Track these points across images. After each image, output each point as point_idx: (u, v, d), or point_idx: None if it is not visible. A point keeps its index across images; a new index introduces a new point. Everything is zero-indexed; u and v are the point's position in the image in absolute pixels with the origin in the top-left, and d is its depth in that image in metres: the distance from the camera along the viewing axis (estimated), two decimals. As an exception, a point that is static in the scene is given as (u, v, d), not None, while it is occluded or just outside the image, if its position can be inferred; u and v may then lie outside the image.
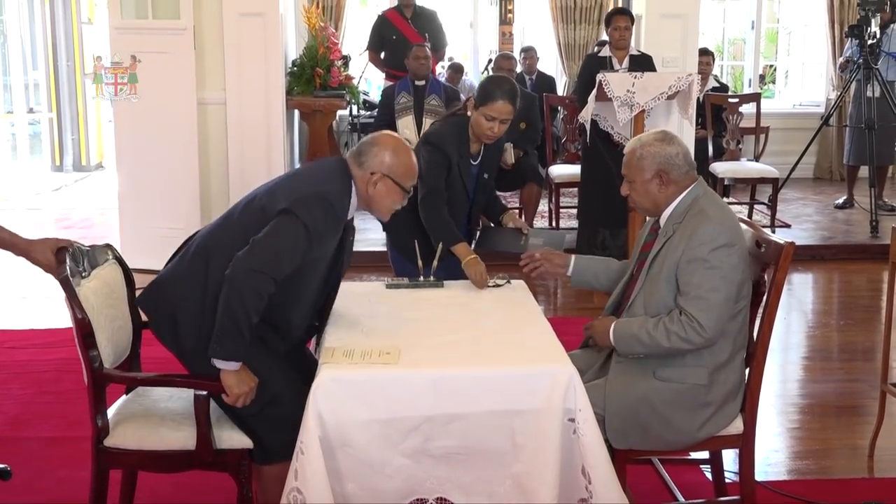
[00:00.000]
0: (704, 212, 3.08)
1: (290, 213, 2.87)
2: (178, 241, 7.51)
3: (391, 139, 3.13)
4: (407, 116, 7.55)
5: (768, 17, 12.88)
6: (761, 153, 8.69)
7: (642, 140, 3.21)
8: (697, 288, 2.99)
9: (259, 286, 2.80)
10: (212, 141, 7.07)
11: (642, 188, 3.18)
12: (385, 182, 3.04)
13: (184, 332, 2.98)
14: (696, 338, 2.98)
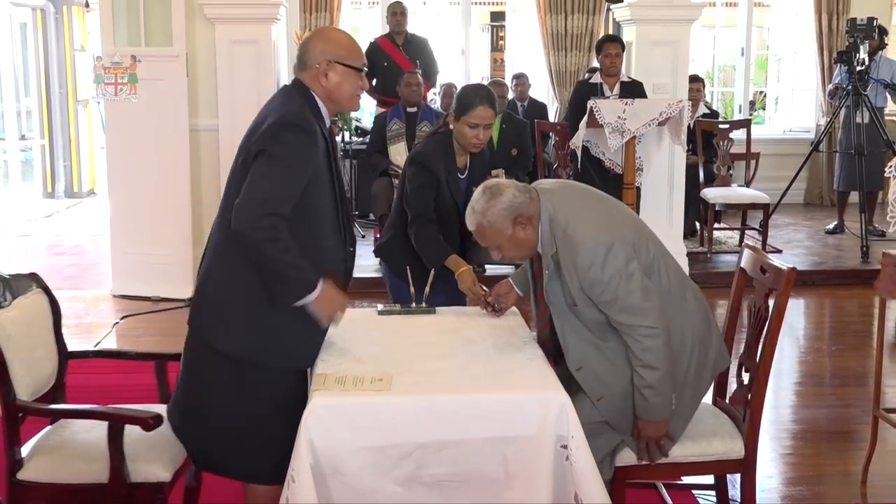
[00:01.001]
0: (568, 236, 3.04)
1: (263, 152, 2.85)
2: (169, 267, 7.57)
3: (323, 28, 3.15)
4: (399, 143, 7.58)
5: (758, 43, 12.97)
6: (752, 179, 8.72)
7: (477, 209, 3.13)
8: (616, 303, 2.97)
9: (270, 232, 2.78)
10: (204, 167, 7.07)
11: (511, 243, 3.13)
12: (333, 68, 3.00)
13: (234, 321, 2.93)
14: (653, 341, 2.95)
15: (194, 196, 7.02)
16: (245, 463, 2.98)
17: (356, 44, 3.09)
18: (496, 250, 3.19)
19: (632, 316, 2.96)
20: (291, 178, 2.85)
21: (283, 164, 2.83)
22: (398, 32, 8.68)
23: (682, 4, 7.30)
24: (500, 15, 16.56)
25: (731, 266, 7.90)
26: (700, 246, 8.38)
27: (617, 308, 2.97)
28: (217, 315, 2.96)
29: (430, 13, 13.80)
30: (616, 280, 2.95)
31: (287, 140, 2.85)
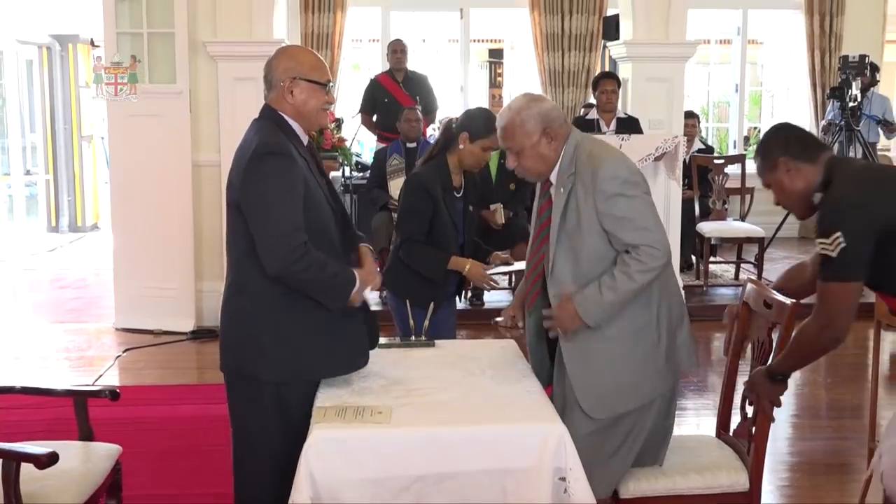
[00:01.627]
0: (594, 154, 3.09)
1: (251, 191, 2.88)
2: (171, 300, 7.55)
3: (285, 48, 3.14)
4: (399, 178, 7.59)
5: (752, 80, 13.04)
6: (747, 213, 8.74)
7: (513, 107, 3.18)
8: (629, 220, 2.98)
9: (300, 263, 2.83)
10: (206, 202, 7.08)
11: (532, 152, 3.15)
12: (297, 85, 3.01)
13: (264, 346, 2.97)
14: (654, 260, 2.97)
15: (196, 230, 7.03)
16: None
17: (319, 60, 3.11)
18: (514, 157, 3.19)
19: (641, 233, 2.97)
20: (289, 203, 2.87)
21: (275, 195, 2.86)
22: (398, 69, 8.73)
23: (676, 42, 7.35)
24: (499, 52, 16.66)
25: (728, 299, 7.90)
26: (696, 279, 8.38)
27: (629, 225, 2.98)
28: (256, 348, 2.98)
29: (430, 50, 13.89)
30: (633, 199, 2.99)
31: (267, 171, 2.87)
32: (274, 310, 2.95)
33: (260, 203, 2.86)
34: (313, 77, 3.03)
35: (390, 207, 7.50)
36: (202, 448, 4.72)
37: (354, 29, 11.22)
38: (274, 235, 2.83)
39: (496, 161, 7.86)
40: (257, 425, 3.00)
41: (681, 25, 7.37)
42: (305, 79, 3.01)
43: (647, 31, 7.34)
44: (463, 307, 7.37)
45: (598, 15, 9.93)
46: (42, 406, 4.82)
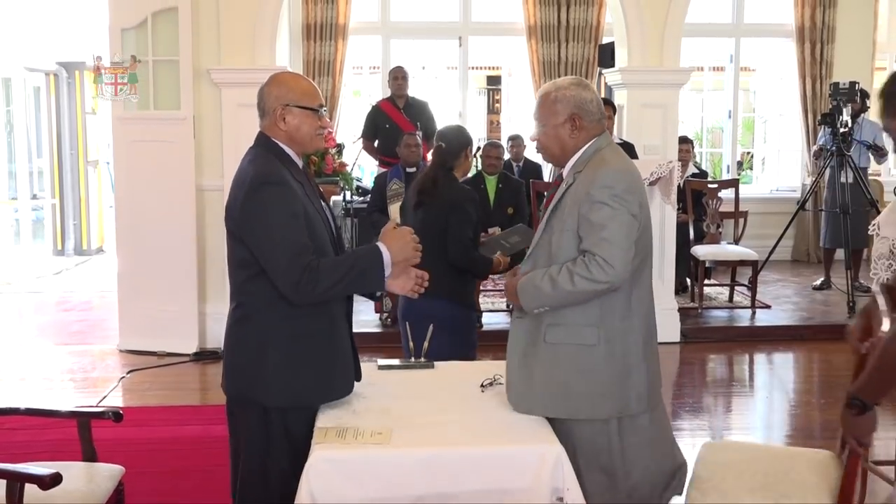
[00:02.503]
0: (605, 160, 3.04)
1: (253, 222, 2.88)
2: (175, 323, 7.52)
3: (276, 75, 3.13)
4: (398, 202, 7.59)
5: (745, 106, 13.09)
6: (741, 236, 8.75)
7: (558, 83, 3.15)
8: (599, 228, 2.91)
9: (315, 283, 2.84)
10: (209, 226, 7.09)
11: (553, 132, 3.11)
12: (289, 112, 3.01)
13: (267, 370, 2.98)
14: (602, 274, 2.88)
15: (199, 253, 7.04)
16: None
17: (310, 85, 3.10)
18: (536, 128, 3.15)
19: (603, 249, 2.89)
20: (292, 228, 2.87)
21: (277, 223, 2.86)
22: (399, 96, 8.76)
23: (671, 69, 7.38)
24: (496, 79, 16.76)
25: (721, 321, 7.92)
26: (691, 302, 8.38)
27: (596, 235, 2.91)
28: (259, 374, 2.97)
29: (429, 77, 13.95)
30: (614, 212, 2.92)
31: (265, 200, 2.87)
32: (276, 337, 2.95)
33: (264, 234, 2.86)
34: (304, 103, 3.03)
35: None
36: (205, 469, 4.71)
37: (355, 56, 11.27)
38: (284, 264, 2.84)
39: (494, 185, 7.89)
40: (259, 448, 2.99)
41: (675, 53, 7.41)
42: (297, 105, 3.02)
43: (642, 58, 7.37)
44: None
45: (594, 43, 9.98)
46: (46, 427, 4.81)
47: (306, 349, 2.97)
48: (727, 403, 6.15)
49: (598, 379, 3.01)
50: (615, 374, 3.02)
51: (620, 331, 3.03)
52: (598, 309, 3.00)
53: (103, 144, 12.29)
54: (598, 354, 3.01)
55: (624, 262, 2.91)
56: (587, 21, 10.00)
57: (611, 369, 3.02)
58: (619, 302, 3.01)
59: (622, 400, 3.04)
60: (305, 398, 3.01)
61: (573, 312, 3.01)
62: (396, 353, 4.23)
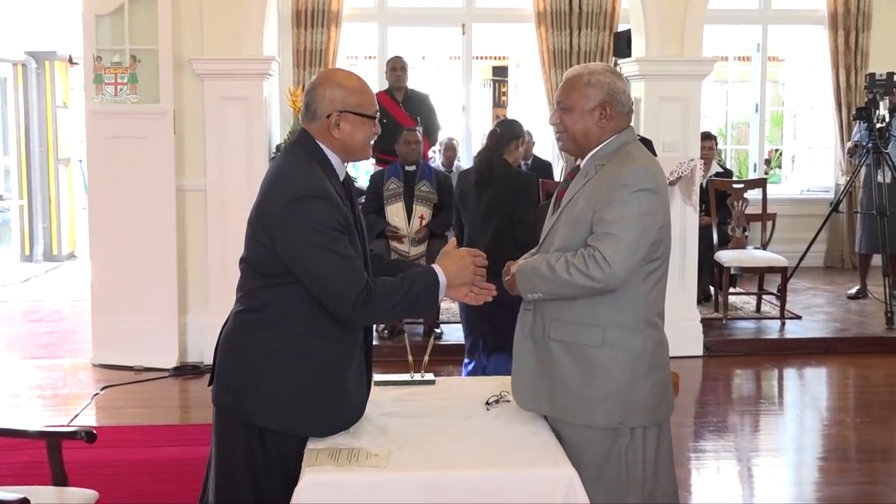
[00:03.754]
0: (631, 155, 3.07)
1: (299, 236, 2.87)
2: (154, 335, 7.52)
3: (330, 73, 3.12)
4: (396, 203, 7.62)
5: (773, 99, 13.09)
6: (768, 241, 8.75)
7: (591, 67, 3.17)
8: (607, 224, 2.95)
9: (372, 305, 2.89)
10: (191, 229, 7.10)
11: (579, 116, 3.12)
12: (345, 119, 3.00)
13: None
14: (598, 272, 2.92)
15: (180, 259, 7.04)
16: None
17: (367, 88, 3.09)
18: (559, 114, 3.16)
19: (606, 246, 2.93)
20: (342, 244, 2.90)
21: (328, 238, 2.87)
22: (398, 88, 8.76)
23: (692, 59, 7.38)
24: (503, 70, 16.75)
25: (748, 333, 7.91)
26: (715, 312, 8.38)
27: (602, 230, 2.95)
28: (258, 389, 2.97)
29: (430, 68, 13.96)
30: (629, 210, 2.95)
31: (313, 214, 2.86)
32: (285, 352, 2.95)
33: (314, 253, 2.86)
34: (362, 109, 3.02)
35: (387, 234, 7.52)
36: (185, 493, 4.70)
37: (349, 45, 11.28)
38: (342, 285, 2.87)
39: (500, 185, 7.89)
40: (244, 467, 2.99)
41: (697, 41, 7.41)
42: (354, 112, 3.01)
43: (661, 47, 7.37)
44: (465, 342, 7.37)
45: (608, 30, 9.99)
46: (13, 448, 4.80)
47: (314, 373, 2.95)
48: (754, 423, 6.14)
49: (599, 383, 3.03)
50: (618, 381, 3.04)
51: (628, 334, 3.05)
52: (605, 308, 3.03)
53: (76, 140, 12.30)
54: (602, 357, 3.04)
55: (625, 263, 2.94)
56: (601, 6, 10.01)
57: (614, 375, 3.03)
58: (630, 303, 3.04)
59: (624, 409, 3.05)
60: (303, 426, 2.98)
61: (577, 309, 3.05)
62: (394, 368, 4.23)
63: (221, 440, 3.08)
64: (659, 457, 3.14)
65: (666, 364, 3.17)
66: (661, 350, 3.14)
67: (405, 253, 7.45)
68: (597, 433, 3.05)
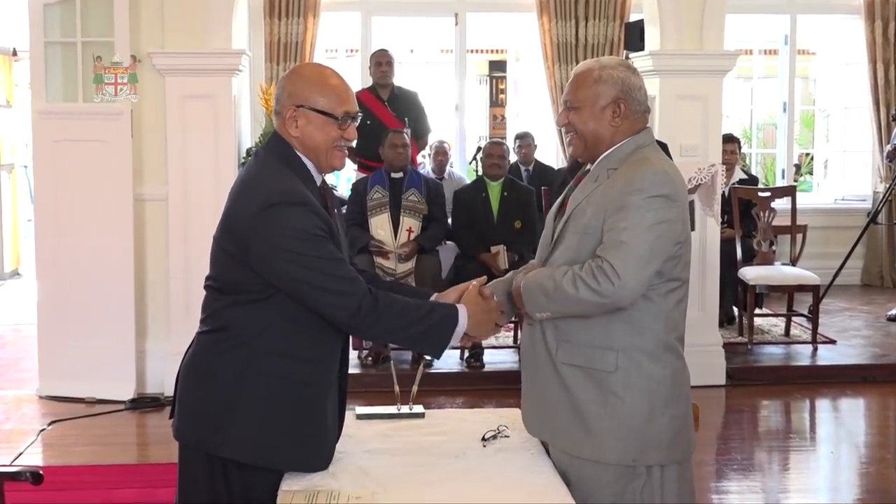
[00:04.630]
0: (648, 159, 3.07)
1: (281, 247, 2.86)
2: (108, 362, 7.47)
3: (296, 67, 3.14)
4: (381, 214, 7.62)
5: (803, 97, 13.15)
6: (799, 256, 8.77)
7: (602, 61, 3.19)
8: (618, 232, 2.95)
9: (371, 316, 2.91)
10: (150, 244, 7.09)
11: (590, 115, 3.13)
12: (303, 115, 2.99)
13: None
14: (607, 285, 2.91)
15: (138, 278, 7.03)
16: None
17: (336, 83, 3.06)
18: (566, 114, 3.17)
19: (616, 256, 2.92)
20: (329, 248, 2.91)
21: (312, 245, 2.88)
22: (383, 85, 8.77)
23: (713, 53, 7.41)
24: (501, 64, 16.82)
25: (776, 360, 7.92)
26: (739, 336, 8.39)
27: (613, 239, 2.95)
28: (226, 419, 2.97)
29: (419, 63, 14.00)
30: (644, 218, 2.95)
31: (289, 222, 2.86)
32: (255, 375, 2.95)
33: (296, 264, 2.86)
34: (320, 105, 3.00)
35: (371, 249, 7.51)
36: (143, 541, 4.70)
37: (329, 37, 11.31)
38: (333, 292, 2.89)
39: (498, 193, 7.91)
40: None
41: (718, 33, 7.44)
42: (311, 107, 3.00)
43: (678, 39, 7.40)
44: (459, 370, 7.38)
45: (618, 21, 10.02)
46: (-50, 491, 4.78)
47: (289, 397, 2.96)
48: (784, 460, 6.14)
49: (611, 414, 3.03)
50: (633, 412, 3.03)
51: (646, 360, 3.04)
52: (621, 330, 3.02)
53: (20, 144, 12.29)
54: (615, 385, 3.03)
55: (637, 276, 2.93)
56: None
57: (628, 405, 3.03)
58: (649, 325, 3.04)
59: (639, 445, 3.04)
60: (274, 458, 2.99)
61: (590, 330, 3.05)
62: (379, 399, 4.23)
63: (184, 478, 3.09)
64: (679, 499, 3.14)
65: (687, 395, 3.17)
66: (682, 379, 3.14)
67: (391, 270, 7.43)
68: (608, 471, 3.04)
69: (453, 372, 7.34)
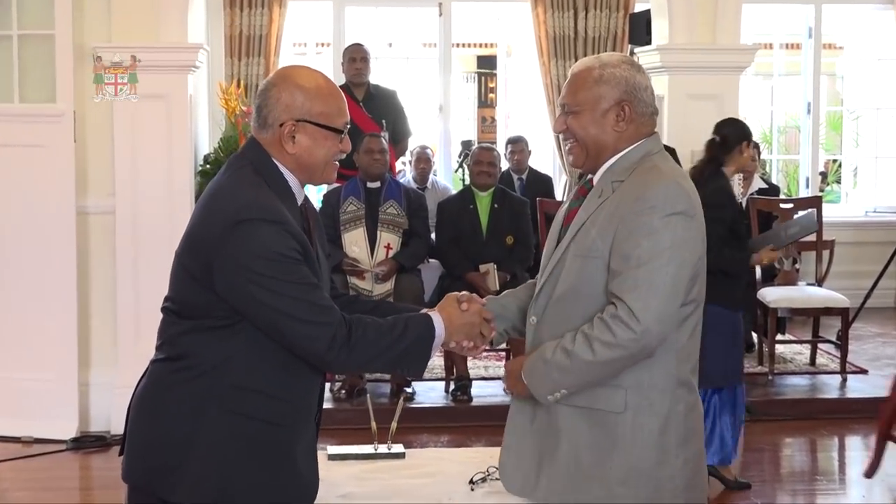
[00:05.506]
0: (658, 168, 3.04)
1: (248, 268, 2.85)
2: (47, 397, 7.43)
3: (289, 71, 3.10)
4: (356, 229, 7.61)
5: (829, 97, 13.19)
6: (825, 275, 8.78)
7: (603, 59, 3.15)
8: (636, 265, 2.90)
9: (347, 348, 2.91)
10: (95, 263, 7.07)
11: (591, 120, 3.09)
12: (303, 130, 2.99)
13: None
14: (626, 334, 2.86)
15: (82, 302, 7.00)
16: None
17: (336, 92, 3.08)
18: (562, 119, 3.15)
19: (635, 297, 2.88)
20: (302, 273, 2.90)
21: (284, 268, 2.87)
22: (358, 84, 8.77)
23: (728, 47, 7.44)
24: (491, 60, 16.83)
25: (800, 392, 7.92)
26: (759, 365, 8.40)
27: (630, 273, 2.90)
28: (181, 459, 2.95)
29: (398, 58, 14.03)
30: (663, 241, 2.91)
31: (260, 241, 2.85)
32: (215, 411, 2.94)
33: (264, 289, 2.86)
34: (326, 120, 3.01)
35: (344, 269, 7.50)
36: None
37: (297, 29, 11.31)
38: (304, 322, 2.88)
39: (487, 204, 7.91)
40: None
41: (734, 25, 7.48)
42: (315, 122, 3.00)
43: (689, 32, 7.44)
44: (444, 404, 7.36)
45: (622, 11, 10.04)
46: None
47: (254, 438, 2.95)
48: (810, 505, 6.15)
49: (620, 458, 3.01)
50: (644, 455, 3.02)
51: (657, 396, 3.03)
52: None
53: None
54: (624, 426, 3.01)
55: (661, 317, 2.90)
56: (614, -19, 10.10)
57: (639, 447, 3.01)
58: (659, 358, 3.00)
59: (651, 492, 3.03)
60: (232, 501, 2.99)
61: None
62: (354, 437, 4.24)
63: None
64: None
65: (700, 433, 3.16)
66: (694, 415, 3.13)
67: (367, 292, 7.42)
68: None
69: (437, 406, 7.33)
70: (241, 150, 3.13)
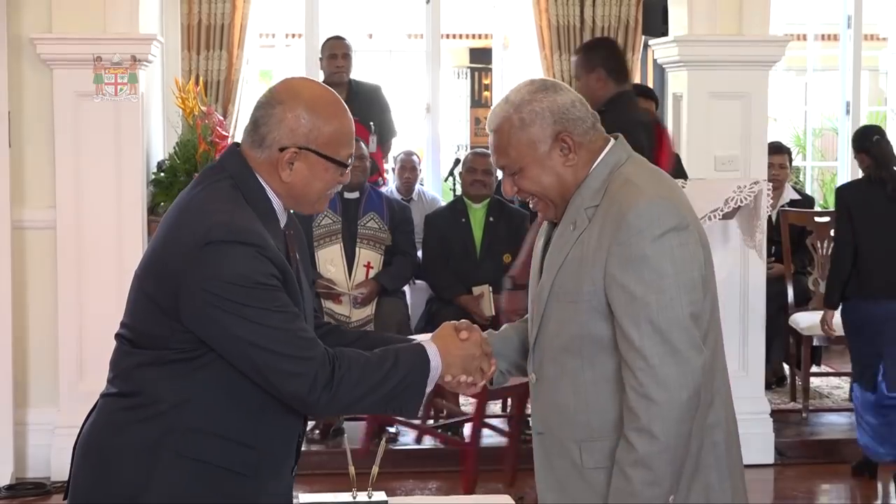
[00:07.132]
0: (630, 182, 3.01)
1: (219, 295, 2.85)
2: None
3: (300, 86, 3.13)
4: (331, 245, 7.61)
5: (871, 95, 13.22)
6: (867, 298, 8.80)
7: (512, 100, 3.12)
8: (642, 307, 2.88)
9: (329, 389, 2.89)
10: (33, 284, 7.06)
11: (538, 171, 3.07)
12: (304, 159, 3.00)
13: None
14: (666, 395, 2.85)
15: (17, 329, 6.98)
16: None
17: (346, 120, 3.10)
18: (510, 180, 3.13)
19: (656, 339, 2.86)
20: (281, 301, 2.90)
21: (259, 295, 2.86)
22: (338, 83, 8.75)
23: (756, 39, 7.44)
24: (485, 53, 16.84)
25: (838, 432, 7.90)
26: (791, 401, 8.41)
27: (641, 316, 2.87)
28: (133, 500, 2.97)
29: (380, 51, 14.05)
30: (661, 272, 2.88)
31: (232, 265, 2.85)
32: (173, 455, 2.94)
33: (238, 317, 2.86)
34: (332, 152, 3.03)
35: (318, 291, 7.49)
36: None
37: (264, 19, 11.31)
38: (283, 359, 2.87)
39: (482, 217, 7.91)
40: None
41: (762, 14, 7.48)
42: (320, 153, 3.01)
43: (711, 22, 7.44)
44: (431, 446, 7.34)
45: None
46: None
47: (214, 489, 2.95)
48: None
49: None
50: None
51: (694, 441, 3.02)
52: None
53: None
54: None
55: (683, 370, 2.87)
56: (625, -34, 10.13)
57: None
58: None
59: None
60: None
61: (607, 416, 3.02)
62: (330, 483, 4.25)
63: None
64: None
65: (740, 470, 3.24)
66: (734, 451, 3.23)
67: (344, 317, 7.41)
68: None
69: (424, 448, 7.31)
70: (218, 161, 3.14)
